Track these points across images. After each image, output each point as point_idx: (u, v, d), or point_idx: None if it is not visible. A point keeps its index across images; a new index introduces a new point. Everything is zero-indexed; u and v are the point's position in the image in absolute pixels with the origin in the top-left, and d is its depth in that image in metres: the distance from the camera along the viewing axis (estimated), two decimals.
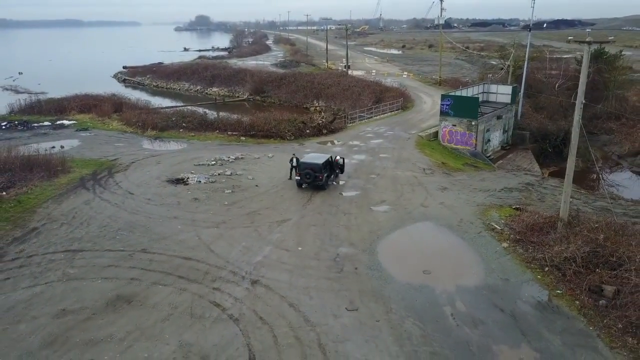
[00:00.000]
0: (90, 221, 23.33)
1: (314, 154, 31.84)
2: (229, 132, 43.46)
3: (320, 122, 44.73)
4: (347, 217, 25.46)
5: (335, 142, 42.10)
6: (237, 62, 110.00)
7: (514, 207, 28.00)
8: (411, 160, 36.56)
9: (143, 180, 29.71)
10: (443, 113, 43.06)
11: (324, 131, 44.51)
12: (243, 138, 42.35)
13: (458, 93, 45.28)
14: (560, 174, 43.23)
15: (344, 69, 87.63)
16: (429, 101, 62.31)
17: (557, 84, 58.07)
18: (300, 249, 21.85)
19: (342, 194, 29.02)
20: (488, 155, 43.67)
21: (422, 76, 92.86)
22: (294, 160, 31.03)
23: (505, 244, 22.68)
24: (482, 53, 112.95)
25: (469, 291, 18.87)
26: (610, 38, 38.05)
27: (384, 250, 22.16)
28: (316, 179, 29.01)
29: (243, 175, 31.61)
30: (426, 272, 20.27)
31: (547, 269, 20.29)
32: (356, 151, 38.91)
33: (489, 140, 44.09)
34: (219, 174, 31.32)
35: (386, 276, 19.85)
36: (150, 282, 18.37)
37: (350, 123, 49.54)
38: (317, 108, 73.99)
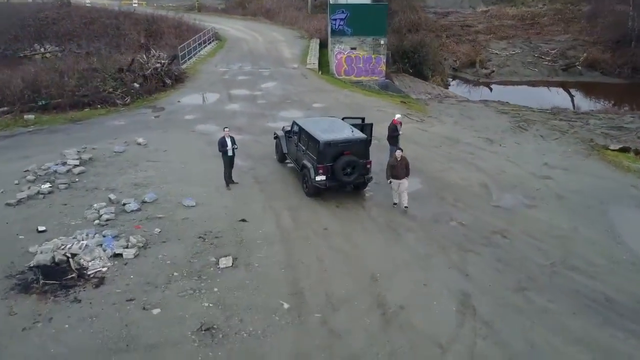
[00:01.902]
0: None
1: (325, 121, 15.71)
2: None
3: (159, 65, 25.82)
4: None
5: (209, 96, 24.79)
6: None
7: (611, 148, 19.25)
8: (374, 107, 23.37)
9: None
10: (336, 33, 30.10)
11: (169, 82, 26.02)
12: (32, 116, 20.74)
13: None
14: None
15: None
16: (231, 29, 46.92)
17: None
18: None
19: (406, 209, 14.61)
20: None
21: (158, 4, 73.35)
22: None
23: None
24: None
25: None
26: None
27: None
28: (363, 170, 13.84)
29: (171, 205, 13.38)
30: None
31: None
32: (264, 106, 23.17)
33: None
34: (116, 214, 12.27)
35: None
36: None
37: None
38: (47, 55, 49.12)
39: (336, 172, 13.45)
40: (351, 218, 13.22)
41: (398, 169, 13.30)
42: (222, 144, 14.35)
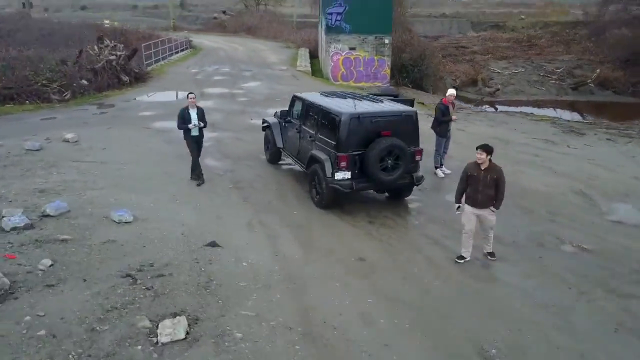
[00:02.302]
0: None
1: (344, 94, 10.43)
2: None
3: (114, 57, 20.44)
4: None
5: (177, 94, 19.38)
6: None
7: None
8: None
9: None
10: (332, 30, 25.30)
11: (125, 79, 20.59)
12: None
13: None
14: None
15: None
16: (207, 41, 42.07)
17: None
18: None
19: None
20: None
21: (132, 25, 68.66)
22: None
23: None
24: None
25: None
26: None
27: None
28: (412, 164, 8.49)
29: (90, 220, 7.78)
30: None
31: None
32: (246, 103, 17.92)
33: None
34: None
35: None
36: None
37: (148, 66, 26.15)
38: None
39: (369, 166, 8.07)
40: (399, 242, 7.79)
41: (479, 188, 6.94)
42: (183, 117, 9.00)
